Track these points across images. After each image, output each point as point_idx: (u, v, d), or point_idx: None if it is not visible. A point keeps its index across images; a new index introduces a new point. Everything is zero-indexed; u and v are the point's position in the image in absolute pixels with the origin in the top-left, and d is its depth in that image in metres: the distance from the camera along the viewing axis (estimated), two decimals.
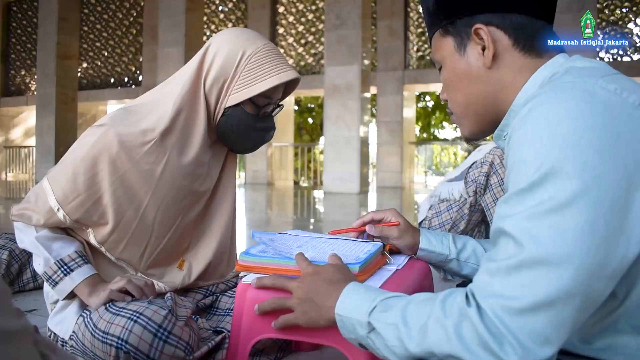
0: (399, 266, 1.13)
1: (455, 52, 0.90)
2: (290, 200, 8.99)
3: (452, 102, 0.95)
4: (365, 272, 1.01)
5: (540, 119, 0.69)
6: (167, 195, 1.29)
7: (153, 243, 1.31)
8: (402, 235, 1.19)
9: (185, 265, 1.38)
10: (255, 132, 1.35)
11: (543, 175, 0.66)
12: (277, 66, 1.28)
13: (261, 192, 10.58)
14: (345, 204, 7.56)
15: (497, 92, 0.88)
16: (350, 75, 8.90)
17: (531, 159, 0.68)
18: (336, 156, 9.12)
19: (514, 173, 0.71)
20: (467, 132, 0.96)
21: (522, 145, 0.70)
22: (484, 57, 0.87)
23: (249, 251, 1.10)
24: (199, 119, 1.30)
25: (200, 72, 1.30)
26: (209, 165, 1.36)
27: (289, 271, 1.01)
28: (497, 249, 0.71)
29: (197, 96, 1.30)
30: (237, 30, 1.34)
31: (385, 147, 11.65)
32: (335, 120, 9.07)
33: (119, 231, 1.26)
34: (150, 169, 1.25)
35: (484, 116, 0.91)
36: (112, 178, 1.22)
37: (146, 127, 1.25)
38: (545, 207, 0.66)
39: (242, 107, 1.30)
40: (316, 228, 5.27)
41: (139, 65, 14.36)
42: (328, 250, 1.09)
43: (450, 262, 1.18)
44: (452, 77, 0.92)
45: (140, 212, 1.26)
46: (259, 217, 6.13)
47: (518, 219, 0.68)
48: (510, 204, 0.70)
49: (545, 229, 0.65)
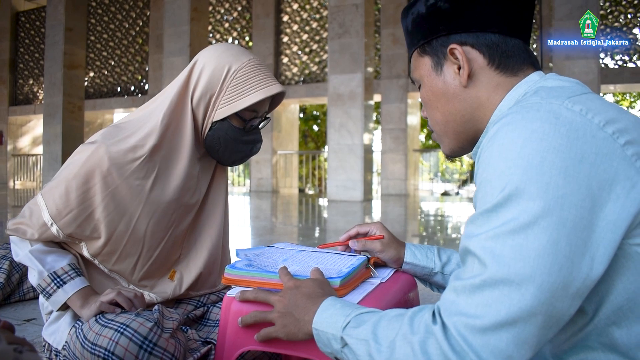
0: (383, 279, 1.14)
1: (433, 71, 0.92)
2: (294, 208, 9.00)
3: (432, 120, 0.97)
4: (346, 286, 1.03)
5: (506, 140, 0.70)
6: (157, 209, 1.31)
7: (145, 255, 1.33)
8: (386, 248, 1.20)
9: (176, 276, 1.40)
10: (242, 145, 1.38)
11: (507, 196, 0.68)
12: (262, 80, 1.31)
13: (266, 200, 10.61)
14: (348, 212, 7.57)
15: (474, 110, 0.89)
16: (354, 83, 8.93)
17: (496, 179, 0.69)
18: (340, 164, 9.13)
19: (480, 193, 0.72)
20: (447, 150, 0.98)
21: (488, 165, 0.71)
22: (460, 76, 0.88)
23: (235, 265, 1.12)
24: (187, 133, 1.33)
25: (187, 87, 1.33)
26: (198, 178, 1.39)
27: (272, 285, 1.03)
28: (463, 267, 0.72)
29: (184, 111, 1.32)
30: (223, 45, 1.37)
31: (389, 154, 11.66)
32: (339, 128, 9.10)
33: (111, 244, 1.29)
34: (141, 184, 1.28)
35: (463, 134, 0.93)
36: (103, 193, 1.24)
37: (135, 144, 1.27)
38: (509, 227, 0.67)
39: (228, 121, 1.33)
40: (319, 236, 5.28)
41: (145, 74, 14.47)
42: (312, 264, 1.11)
43: (434, 275, 1.19)
44: (430, 96, 0.94)
45: (131, 226, 1.29)
46: (263, 225, 6.15)
47: (483, 239, 0.69)
48: (476, 223, 0.71)
49: (508, 249, 0.66)
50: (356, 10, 8.94)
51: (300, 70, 12.81)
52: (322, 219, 7.33)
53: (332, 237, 4.98)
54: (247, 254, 1.17)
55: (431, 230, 6.11)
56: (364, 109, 8.97)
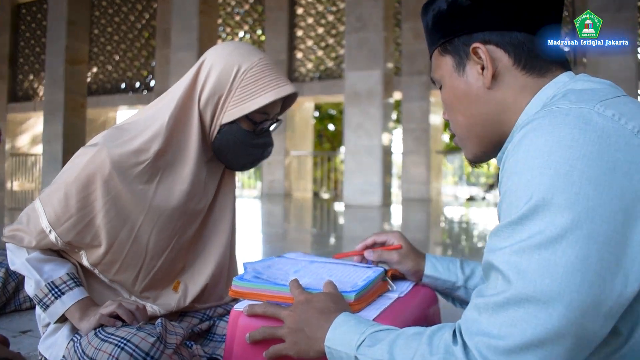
0: (401, 294, 1.14)
1: (454, 72, 0.92)
2: (308, 213, 9.01)
3: (453, 124, 0.97)
4: (361, 301, 1.03)
5: (532, 147, 0.70)
6: (161, 216, 1.32)
7: (147, 265, 1.34)
8: (403, 259, 1.20)
9: (181, 287, 1.41)
10: (252, 149, 1.39)
11: (533, 208, 0.67)
12: (274, 81, 1.32)
13: (278, 204, 10.63)
14: (366, 218, 7.56)
15: (499, 113, 0.89)
16: (372, 80, 8.93)
17: (522, 189, 0.69)
18: (357, 166, 9.13)
19: (505, 203, 0.72)
20: (470, 155, 0.97)
21: (513, 174, 0.71)
22: (483, 77, 0.88)
23: (243, 276, 1.12)
24: (193, 136, 1.34)
25: (194, 88, 1.34)
26: (204, 183, 1.40)
27: (282, 298, 1.03)
28: (487, 283, 0.72)
29: (191, 113, 1.34)
30: (232, 44, 1.38)
31: (410, 156, 11.63)
32: (356, 128, 9.10)
33: (112, 253, 1.30)
34: (144, 189, 1.29)
35: (487, 138, 0.92)
36: (104, 199, 1.26)
37: (139, 147, 1.29)
38: (535, 241, 0.67)
39: (238, 123, 1.34)
40: (334, 244, 5.28)
41: (151, 70, 14.59)
42: (325, 276, 1.11)
43: (457, 289, 1.19)
44: (452, 98, 0.94)
45: (134, 234, 1.30)
46: (275, 231, 6.16)
47: (507, 253, 0.69)
48: (500, 236, 0.71)
49: (535, 265, 0.66)
50: (375, 2, 8.94)
51: (315, 66, 12.84)
52: (337, 226, 7.33)
53: (348, 246, 4.98)
54: (255, 266, 1.17)
55: (455, 238, 6.08)
56: (383, 108, 8.96)
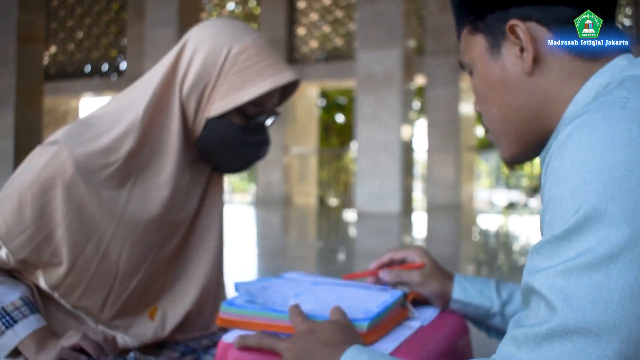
0: (425, 322, 1.14)
1: (487, 54, 0.92)
2: (312, 224, 9.03)
3: (487, 117, 0.97)
4: (376, 331, 1.03)
5: (581, 147, 0.70)
6: (134, 228, 1.33)
7: (118, 287, 1.35)
8: (427, 280, 1.20)
9: (158, 314, 1.42)
10: (245, 148, 1.39)
11: (582, 220, 0.68)
12: (271, 66, 1.33)
13: (275, 213, 10.65)
14: (382, 229, 7.58)
15: (542, 104, 0.89)
16: (390, 61, 8.93)
17: (568, 197, 0.69)
18: (372, 166, 9.14)
19: (548, 214, 0.72)
20: (506, 154, 0.98)
21: (558, 179, 0.71)
22: (523, 61, 0.88)
23: (234, 301, 1.13)
24: (174, 133, 1.35)
25: (174, 75, 1.34)
26: (187, 189, 1.41)
27: (280, 327, 1.04)
28: (527, 311, 0.73)
29: (171, 105, 1.34)
30: (220, 22, 1.38)
31: (436, 153, 11.64)
32: (370, 119, 9.11)
33: (75, 273, 1.31)
34: (114, 197, 1.30)
35: (527, 134, 0.93)
36: (66, 208, 1.26)
37: (108, 146, 1.29)
38: (585, 260, 0.67)
39: (228, 117, 1.35)
40: (344, 262, 5.29)
41: (122, 50, 14.65)
42: (332, 301, 1.12)
43: (492, 317, 1.19)
44: (485, 86, 0.94)
45: (101, 250, 1.31)
46: (271, 246, 6.18)
47: (551, 275, 0.69)
48: (542, 254, 0.71)
49: (584, 289, 0.66)
50: None
51: (320, 45, 12.86)
52: (348, 239, 7.34)
53: (360, 263, 4.99)
54: (249, 287, 1.18)
55: (491, 255, 6.08)
56: (402, 95, 8.97)
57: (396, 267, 1.24)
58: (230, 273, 1.57)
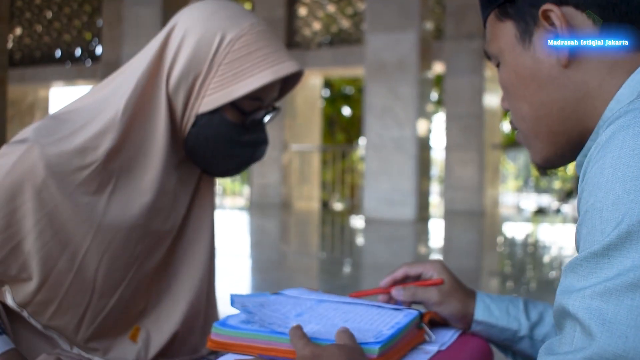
0: (443, 346, 1.15)
1: (517, 44, 0.93)
2: (314, 231, 9.02)
3: (516, 115, 0.98)
4: (389, 356, 1.04)
5: (624, 151, 0.70)
6: (114, 239, 1.34)
7: (95, 305, 1.35)
8: (446, 299, 1.21)
9: (141, 335, 1.42)
10: (240, 148, 1.40)
11: (625, 234, 0.68)
12: (270, 55, 1.33)
13: (272, 218, 10.65)
14: (394, 238, 7.57)
15: (579, 100, 0.89)
16: (404, 46, 8.93)
17: (609, 209, 0.70)
18: (382, 166, 9.13)
19: (586, 227, 0.73)
20: (538, 157, 0.98)
21: (597, 187, 0.72)
22: (557, 51, 0.89)
23: (227, 321, 1.13)
24: (159, 131, 1.35)
25: (160, 64, 1.35)
26: (174, 195, 1.41)
27: (280, 352, 1.05)
28: (560, 336, 0.73)
29: (156, 99, 1.35)
30: (212, 4, 1.39)
31: (456, 152, 11.63)
32: (382, 113, 9.10)
33: (47, 289, 1.31)
34: (91, 203, 1.31)
35: (562, 135, 0.93)
36: (37, 216, 1.27)
37: (84, 145, 1.30)
38: (627, 280, 0.67)
39: (221, 113, 1.36)
40: (350, 276, 5.29)
41: (98, 32, 14.64)
42: (339, 321, 1.12)
43: (519, 341, 1.19)
44: (514, 80, 0.95)
45: (76, 263, 1.31)
46: (268, 256, 6.18)
47: (588, 297, 0.69)
48: (578, 273, 0.72)
49: (625, 313, 0.66)
50: None
51: (324, 27, 12.85)
52: (354, 249, 7.34)
53: (370, 277, 4.98)
54: (245, 302, 1.18)
55: (518, 268, 6.08)
56: (418, 85, 8.96)
57: (411, 284, 1.25)
58: (221, 288, 1.57)
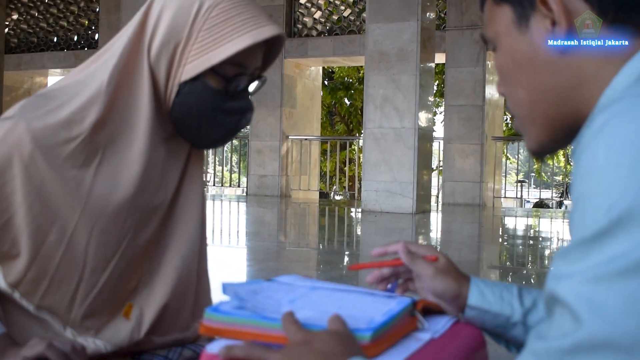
0: (436, 334, 1.15)
1: (514, 28, 0.93)
2: (313, 222, 9.03)
3: (512, 100, 0.98)
4: (380, 343, 1.04)
5: (617, 138, 0.70)
6: (103, 212, 1.35)
7: (87, 281, 1.36)
8: (440, 274, 1.22)
9: (134, 312, 1.43)
10: (225, 116, 1.41)
11: (616, 221, 0.68)
12: (250, 20, 1.34)
13: (270, 209, 10.65)
14: (393, 230, 7.58)
15: (575, 86, 0.89)
16: (405, 36, 8.91)
17: (600, 195, 0.70)
18: (382, 157, 9.12)
19: (577, 213, 0.73)
20: (533, 143, 0.98)
21: (589, 173, 0.72)
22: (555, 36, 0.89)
23: (220, 307, 1.14)
24: (144, 102, 1.37)
25: (142, 36, 1.36)
26: (162, 168, 1.42)
27: (272, 338, 1.05)
28: (549, 321, 0.73)
29: (139, 70, 1.36)
30: None
31: (457, 143, 11.61)
32: (382, 103, 9.09)
33: (38, 265, 1.31)
34: (78, 176, 1.32)
35: (557, 121, 0.93)
36: (25, 190, 1.28)
37: (70, 118, 1.31)
38: (617, 266, 0.67)
39: (203, 80, 1.37)
40: (349, 265, 5.29)
41: (95, 18, 14.60)
42: (332, 308, 1.12)
43: (513, 327, 1.20)
44: (510, 64, 0.95)
45: (66, 237, 1.32)
46: (266, 246, 6.18)
47: (577, 282, 0.69)
48: (568, 258, 0.72)
49: (615, 299, 0.67)
50: None
51: (325, 17, 12.83)
52: (353, 240, 7.35)
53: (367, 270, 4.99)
54: (238, 290, 1.19)
55: (518, 261, 6.09)
56: (420, 75, 8.95)
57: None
58: (216, 278, 1.57)
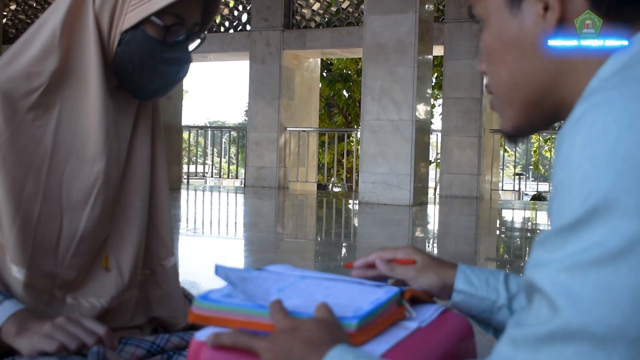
0: (423, 323, 1.15)
1: (505, 8, 0.91)
2: (310, 214, 9.03)
3: (493, 80, 0.97)
4: (367, 331, 1.04)
5: (595, 128, 0.71)
6: (69, 158, 1.39)
7: (68, 229, 1.40)
8: (420, 274, 1.23)
9: (112, 262, 1.48)
10: (163, 65, 1.44)
11: (591, 210, 0.68)
12: None
13: (268, 200, 10.65)
14: (390, 222, 7.58)
15: (561, 75, 0.89)
16: (403, 27, 8.89)
17: (577, 184, 0.70)
18: (379, 149, 9.12)
19: (556, 201, 0.73)
20: (509, 125, 0.98)
21: (567, 163, 0.72)
22: (546, 21, 0.87)
23: (209, 295, 1.15)
24: (92, 51, 1.39)
25: None
26: (114, 120, 1.46)
27: (259, 325, 1.06)
28: (528, 309, 0.74)
29: (85, 18, 1.39)
30: None
31: (455, 136, 11.61)
32: (379, 95, 9.08)
33: (21, 220, 1.34)
34: (42, 125, 1.37)
35: (537, 106, 0.93)
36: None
37: (29, 70, 1.35)
38: (592, 255, 0.68)
39: (143, 29, 1.40)
40: (345, 257, 5.31)
41: None
42: (319, 296, 1.13)
43: (498, 311, 1.20)
44: (497, 44, 0.94)
45: (41, 186, 1.36)
46: (263, 237, 6.19)
47: (554, 270, 0.70)
48: (546, 247, 0.72)
49: (590, 287, 0.67)
50: None
51: (323, 8, 12.80)
52: (350, 232, 7.36)
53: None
54: (229, 273, 1.19)
55: (515, 254, 6.10)
56: (418, 67, 8.94)
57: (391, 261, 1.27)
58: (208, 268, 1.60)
